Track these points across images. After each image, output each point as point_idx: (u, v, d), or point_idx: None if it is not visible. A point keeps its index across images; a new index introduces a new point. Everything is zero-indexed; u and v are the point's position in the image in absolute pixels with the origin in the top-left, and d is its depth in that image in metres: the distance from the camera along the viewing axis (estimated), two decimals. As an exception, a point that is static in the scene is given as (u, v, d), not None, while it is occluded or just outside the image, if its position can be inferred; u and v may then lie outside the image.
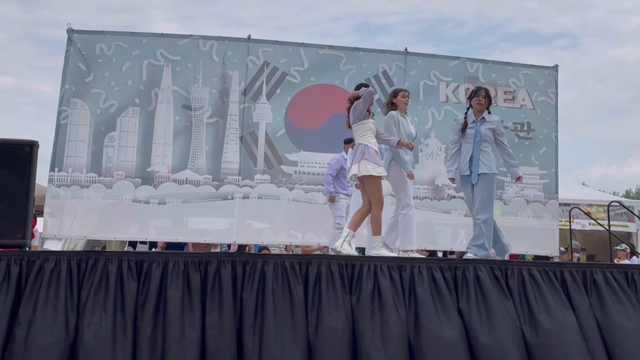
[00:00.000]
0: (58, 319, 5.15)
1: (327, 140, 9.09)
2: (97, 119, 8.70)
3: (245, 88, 9.07)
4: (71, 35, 8.70)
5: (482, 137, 6.79)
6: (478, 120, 6.89)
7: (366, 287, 5.71)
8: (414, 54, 9.59)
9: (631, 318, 6.03)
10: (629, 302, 6.14)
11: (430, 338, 5.58)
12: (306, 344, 5.47)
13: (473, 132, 6.84)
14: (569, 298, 6.08)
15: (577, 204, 12.85)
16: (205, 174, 8.85)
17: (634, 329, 5.96)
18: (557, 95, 9.91)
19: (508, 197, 9.54)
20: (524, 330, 5.79)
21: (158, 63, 8.92)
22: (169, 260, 5.49)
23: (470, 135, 6.84)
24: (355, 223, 6.87)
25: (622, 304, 6.10)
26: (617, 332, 5.96)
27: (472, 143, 6.79)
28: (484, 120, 6.87)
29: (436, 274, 5.87)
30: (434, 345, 5.56)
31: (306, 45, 9.38)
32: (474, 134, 6.82)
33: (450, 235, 9.37)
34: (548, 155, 9.73)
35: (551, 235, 9.64)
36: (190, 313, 5.36)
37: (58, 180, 8.46)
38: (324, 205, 8.92)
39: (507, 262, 7.02)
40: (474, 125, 6.87)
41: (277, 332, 5.42)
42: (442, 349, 5.56)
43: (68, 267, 5.30)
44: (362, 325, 5.57)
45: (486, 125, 6.85)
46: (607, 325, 6.00)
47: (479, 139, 6.78)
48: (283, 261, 5.71)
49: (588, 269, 6.32)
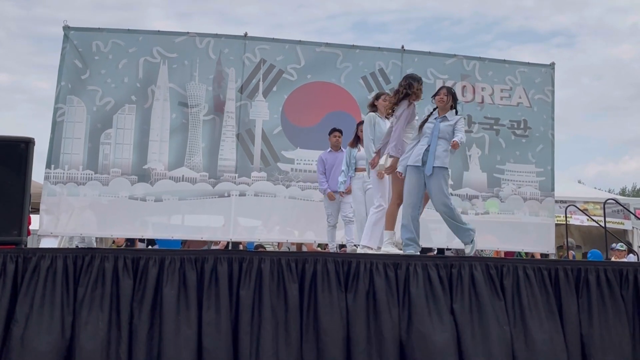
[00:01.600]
0: (54, 317, 5.15)
1: (323, 137, 9.07)
2: (93, 116, 8.69)
3: (242, 85, 9.07)
4: (67, 33, 8.68)
5: (440, 132, 6.80)
6: (439, 118, 6.92)
7: (362, 285, 5.72)
8: (410, 51, 9.60)
9: (610, 327, 6.09)
10: (614, 307, 6.19)
11: (421, 341, 5.62)
12: (300, 344, 5.49)
13: (432, 126, 6.87)
14: (559, 300, 6.13)
15: (574, 202, 12.87)
16: (202, 172, 8.85)
17: (611, 339, 6.03)
18: (553, 93, 9.93)
19: (505, 195, 9.55)
20: (512, 334, 5.84)
21: (154, 60, 8.92)
22: (165, 258, 5.49)
23: (429, 130, 6.86)
24: (389, 223, 6.93)
25: (606, 311, 6.16)
26: (596, 341, 6.03)
27: (430, 137, 6.81)
28: (445, 119, 6.91)
29: (431, 272, 5.87)
30: (425, 349, 5.60)
31: (303, 43, 9.37)
32: (432, 129, 6.84)
33: (447, 233, 9.35)
34: (544, 153, 9.74)
35: (547, 233, 9.65)
36: (187, 311, 5.37)
37: (54, 177, 8.45)
38: (320, 203, 8.93)
39: (504, 259, 7.04)
40: (434, 122, 6.91)
41: (273, 332, 5.43)
42: (432, 353, 5.61)
43: (64, 265, 5.30)
44: (357, 326, 5.59)
45: (446, 122, 6.87)
46: (588, 332, 6.07)
47: (436, 133, 6.80)
48: (279, 259, 5.71)
49: (583, 267, 6.34)
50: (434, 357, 5.57)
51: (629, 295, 6.29)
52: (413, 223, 6.80)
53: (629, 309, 6.24)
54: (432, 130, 6.83)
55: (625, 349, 5.99)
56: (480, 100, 9.65)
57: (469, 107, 9.59)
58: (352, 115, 9.14)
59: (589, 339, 6.02)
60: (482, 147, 9.55)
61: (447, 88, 7.12)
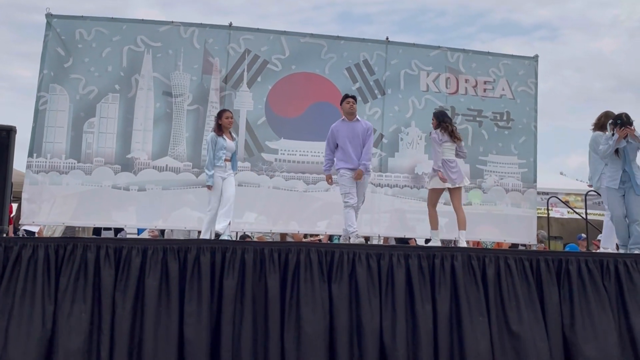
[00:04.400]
0: (36, 308, 5.14)
1: (307, 128, 9.10)
2: (76, 104, 8.64)
3: (226, 75, 9.04)
4: (50, 20, 8.61)
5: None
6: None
7: (344, 276, 5.76)
8: (395, 43, 9.60)
9: (594, 318, 6.17)
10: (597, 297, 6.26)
11: (403, 330, 5.68)
12: (280, 336, 5.52)
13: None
14: (540, 291, 6.20)
15: (555, 193, 12.99)
16: (186, 161, 8.83)
17: (595, 329, 6.12)
18: (536, 85, 9.99)
19: (487, 186, 9.61)
20: (492, 324, 5.91)
21: (138, 49, 8.87)
22: (148, 248, 5.49)
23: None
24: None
25: (588, 302, 6.23)
26: (579, 331, 6.11)
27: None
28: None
29: (413, 262, 5.92)
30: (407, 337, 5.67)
31: (287, 34, 9.35)
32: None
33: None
34: (527, 145, 9.81)
35: (529, 224, 9.74)
36: (168, 302, 5.37)
37: (36, 166, 8.40)
38: (304, 193, 8.96)
39: (486, 250, 7.10)
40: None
41: (254, 322, 5.46)
42: (413, 343, 5.68)
43: (46, 254, 5.29)
44: (339, 316, 5.63)
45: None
46: (570, 322, 6.15)
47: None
48: (262, 249, 5.73)
49: (564, 258, 6.40)
50: (414, 348, 5.65)
51: (612, 285, 6.37)
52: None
53: (612, 300, 6.32)
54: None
55: (609, 339, 6.06)
56: (464, 92, 9.69)
57: (453, 98, 9.62)
58: (336, 106, 9.15)
59: (571, 329, 6.10)
60: (465, 139, 9.56)
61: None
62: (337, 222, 9.07)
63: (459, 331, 5.83)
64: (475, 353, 5.72)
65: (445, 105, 9.41)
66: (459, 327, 5.84)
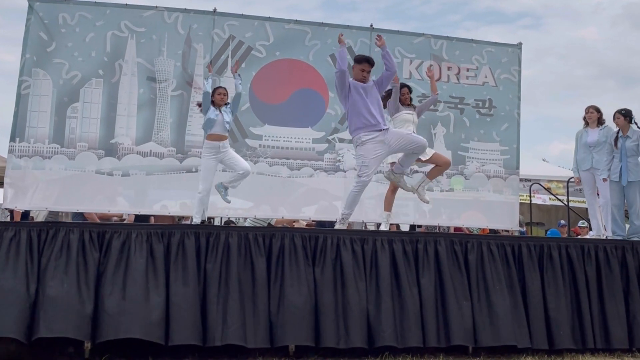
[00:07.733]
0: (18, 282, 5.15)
1: (291, 114, 9.10)
2: (59, 89, 8.59)
3: (211, 61, 9.02)
4: (32, 4, 8.52)
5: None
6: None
7: (329, 259, 5.82)
8: (379, 30, 9.60)
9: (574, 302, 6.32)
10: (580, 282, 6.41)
11: (388, 313, 5.76)
12: (267, 316, 5.57)
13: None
14: (522, 276, 6.31)
15: (538, 180, 13.10)
16: (169, 147, 8.81)
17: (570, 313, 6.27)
18: (520, 72, 10.04)
19: (469, 172, 9.69)
20: (474, 308, 6.02)
21: (122, 34, 8.82)
22: (132, 232, 5.51)
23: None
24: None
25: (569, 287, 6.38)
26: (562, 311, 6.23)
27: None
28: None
29: (397, 247, 6.00)
30: (391, 320, 5.75)
31: (272, 20, 9.34)
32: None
33: (414, 208, 9.48)
34: (510, 132, 9.88)
35: (511, 210, 9.83)
36: (155, 280, 5.40)
37: (19, 150, 8.35)
38: (288, 179, 8.98)
39: (468, 235, 7.19)
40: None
41: (240, 304, 5.50)
42: (399, 324, 5.76)
43: (28, 237, 5.29)
44: (324, 297, 5.70)
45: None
46: (554, 305, 6.26)
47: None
48: (247, 233, 5.77)
49: (546, 244, 6.51)
50: (400, 328, 5.74)
51: (592, 270, 6.50)
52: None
53: (591, 285, 6.46)
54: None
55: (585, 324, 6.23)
56: (446, 80, 9.74)
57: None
58: (320, 93, 9.18)
59: (554, 314, 6.23)
60: (447, 126, 9.66)
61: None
62: (323, 208, 9.13)
63: (444, 313, 5.93)
64: (461, 333, 5.85)
65: (427, 92, 9.45)
66: (444, 309, 5.94)
